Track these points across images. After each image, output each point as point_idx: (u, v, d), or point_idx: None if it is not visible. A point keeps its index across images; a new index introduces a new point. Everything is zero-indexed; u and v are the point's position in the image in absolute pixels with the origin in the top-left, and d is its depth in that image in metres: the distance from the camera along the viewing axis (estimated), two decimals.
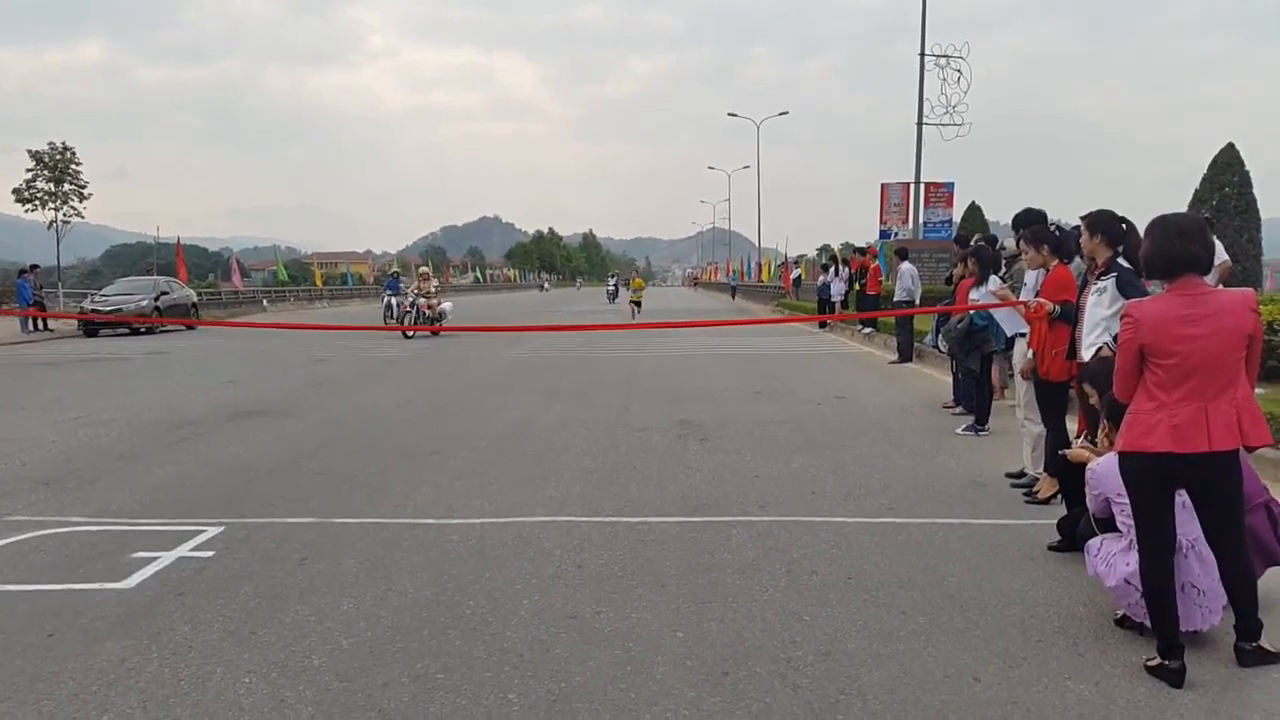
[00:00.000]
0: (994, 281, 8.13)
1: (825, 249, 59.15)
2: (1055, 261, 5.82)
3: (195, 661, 3.65)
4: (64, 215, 49.17)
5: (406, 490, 6.49)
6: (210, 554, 5.03)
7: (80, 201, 49.94)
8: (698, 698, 3.31)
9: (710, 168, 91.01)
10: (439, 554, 5.02)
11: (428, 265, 36.10)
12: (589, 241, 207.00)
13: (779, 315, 30.21)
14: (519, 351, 16.96)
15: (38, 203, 48.63)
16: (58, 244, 49.16)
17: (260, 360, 16.69)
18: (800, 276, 39.52)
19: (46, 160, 48.90)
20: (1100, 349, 4.98)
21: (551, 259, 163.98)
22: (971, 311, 8.08)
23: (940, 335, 8.89)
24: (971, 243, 10.36)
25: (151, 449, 8.10)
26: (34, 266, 28.27)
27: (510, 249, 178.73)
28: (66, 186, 49.21)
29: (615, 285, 51.43)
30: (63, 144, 49.40)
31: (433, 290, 22.97)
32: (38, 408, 10.86)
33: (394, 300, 25.79)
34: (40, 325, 25.81)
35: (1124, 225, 5.12)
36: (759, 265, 48.16)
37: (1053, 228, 5.95)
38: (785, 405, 10.33)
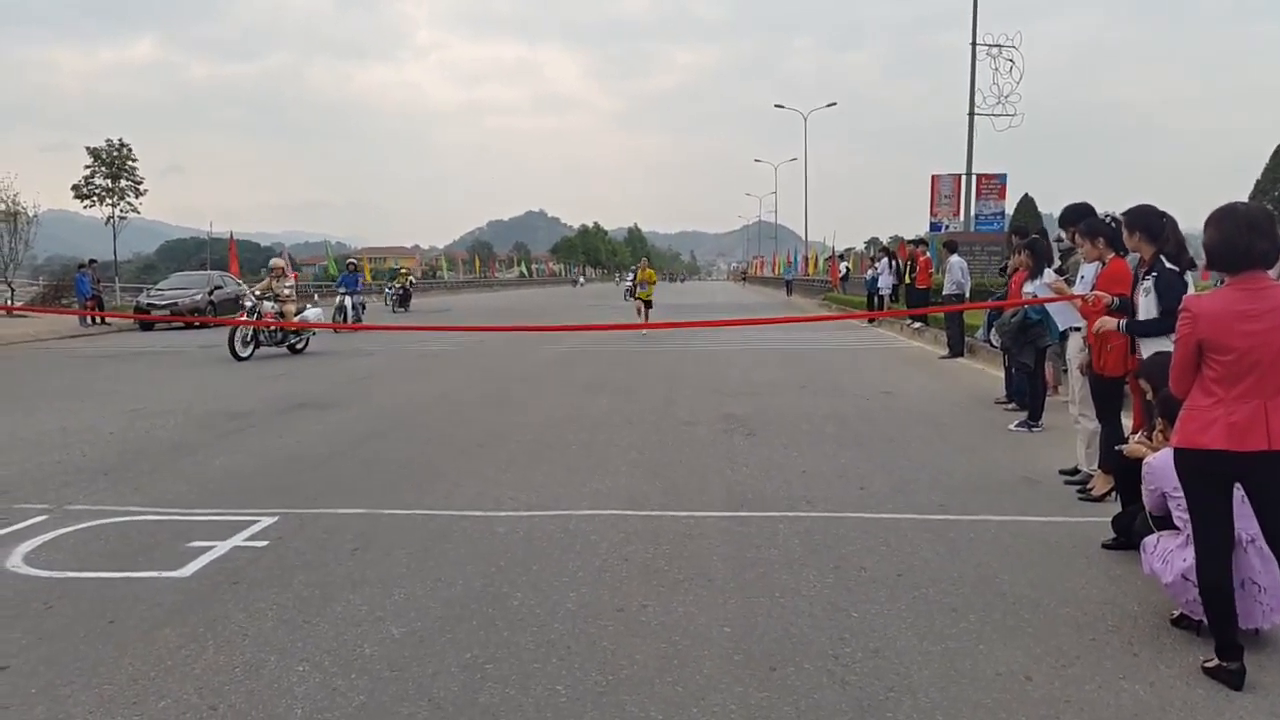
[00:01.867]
0: (1048, 275, 7.99)
1: (874, 242, 58.04)
2: (1111, 255, 5.70)
3: (249, 649, 3.72)
4: (120, 211, 50.28)
5: (453, 482, 6.55)
6: (264, 543, 5.13)
7: (136, 197, 51.02)
8: (745, 692, 3.30)
9: (756, 160, 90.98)
10: (487, 546, 5.06)
11: (283, 257, 28.82)
12: (634, 235, 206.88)
13: (824, 311, 30.00)
14: (557, 347, 17.01)
15: (95, 199, 49.78)
16: (114, 239, 50.29)
17: (309, 353, 16.93)
18: (849, 270, 39.13)
19: (104, 157, 50.03)
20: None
21: (596, 253, 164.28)
22: (1025, 305, 7.95)
23: (993, 329, 8.75)
24: (1025, 236, 10.18)
25: (206, 440, 8.27)
26: (92, 261, 28.97)
27: (555, 243, 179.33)
28: (123, 182, 50.30)
29: (633, 280, 49.86)
30: (119, 140, 50.50)
31: (285, 292, 17.17)
32: (96, 399, 11.13)
33: (350, 301, 24.14)
34: (98, 319, 26.43)
35: (1163, 220, 5.01)
36: (805, 259, 47.43)
37: (1108, 220, 5.83)
38: (833, 400, 10.25)
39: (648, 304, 21.91)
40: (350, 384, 12.41)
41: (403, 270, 39.12)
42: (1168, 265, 4.95)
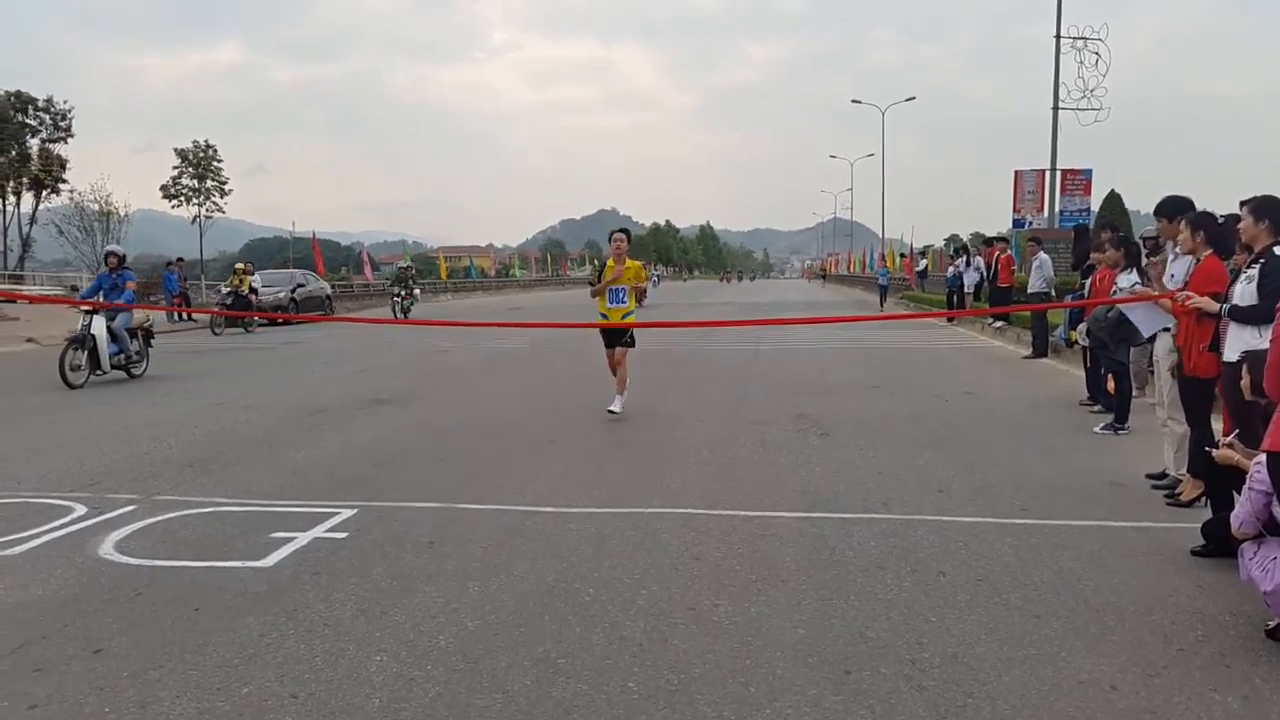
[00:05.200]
0: (1127, 278, 7.75)
1: (954, 239, 56.33)
2: (1208, 252, 5.49)
3: (329, 639, 3.80)
4: (206, 210, 51.97)
5: (526, 478, 6.61)
6: (344, 535, 5.23)
7: (221, 197, 52.67)
8: (819, 695, 3.25)
9: (832, 156, 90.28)
10: (558, 542, 5.08)
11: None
12: (705, 233, 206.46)
13: (900, 310, 29.49)
14: (639, 341, 17.00)
15: (182, 198, 51.55)
16: (200, 238, 51.98)
17: (388, 350, 17.27)
18: (926, 268, 38.35)
19: (190, 158, 51.81)
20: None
21: (668, 251, 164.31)
22: (1115, 304, 7.70)
23: (1086, 326, 8.46)
24: (1116, 231, 9.87)
25: (288, 434, 8.48)
26: (179, 259, 29.97)
27: None
28: (208, 183, 52.00)
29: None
30: (205, 142, 52.23)
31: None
32: (182, 394, 11.50)
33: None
34: (184, 315, 27.33)
35: None
36: (882, 257, 46.45)
37: (1221, 220, 5.62)
38: (910, 401, 10.07)
39: (619, 340, 9.25)
40: (424, 380, 12.62)
41: (407, 267, 32.90)
42: (1278, 254, 4.77)
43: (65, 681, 3.43)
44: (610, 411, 8.99)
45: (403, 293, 30.35)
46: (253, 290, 25.37)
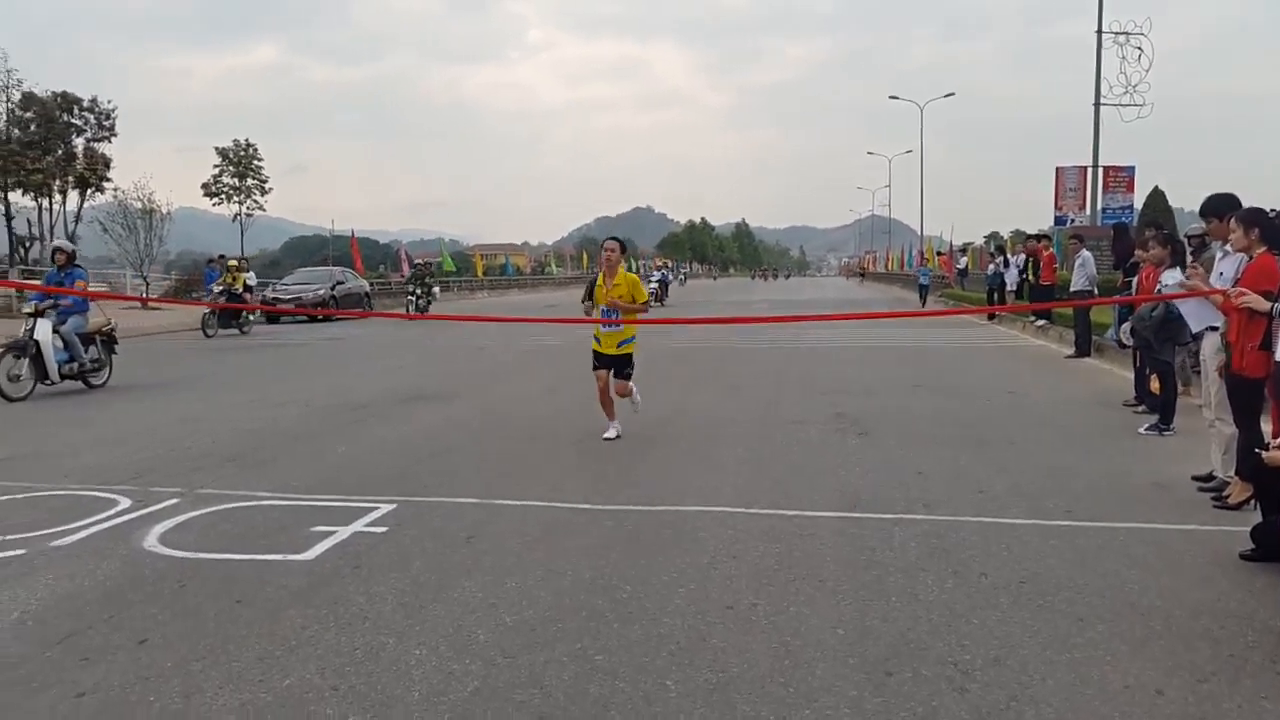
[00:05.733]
0: (1172, 275, 7.60)
1: (993, 236, 55.41)
2: (1262, 249, 5.36)
3: (369, 632, 3.83)
4: (247, 209, 52.67)
5: (562, 475, 6.62)
6: (384, 530, 5.27)
7: (262, 195, 53.34)
8: (859, 697, 3.22)
9: (869, 153, 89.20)
10: (595, 539, 5.09)
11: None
12: (741, 231, 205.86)
13: (938, 308, 29.19)
14: (671, 341, 17.02)
15: (223, 196, 52.28)
16: (241, 235, 52.67)
17: (425, 347, 17.40)
18: (967, 266, 37.84)
19: (231, 157, 52.53)
20: None
21: (703, 249, 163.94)
22: (1164, 300, 7.56)
23: (1130, 325, 8.31)
24: (1160, 229, 9.68)
25: (328, 429, 8.56)
26: (221, 256, 30.37)
27: (662, 239, 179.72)
28: (249, 181, 52.69)
29: (661, 279, 38.73)
30: (246, 141, 52.92)
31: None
32: (224, 389, 11.67)
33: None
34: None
35: None
36: (921, 254, 45.80)
37: (1273, 214, 5.49)
38: (951, 401, 9.96)
39: (616, 369, 7.93)
40: (461, 378, 12.69)
41: (424, 264, 32.43)
42: None
43: (112, 671, 3.48)
44: (605, 438, 7.80)
45: (419, 291, 29.09)
46: (248, 288, 23.25)
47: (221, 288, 22.55)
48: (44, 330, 10.84)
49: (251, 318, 22.34)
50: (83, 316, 11.50)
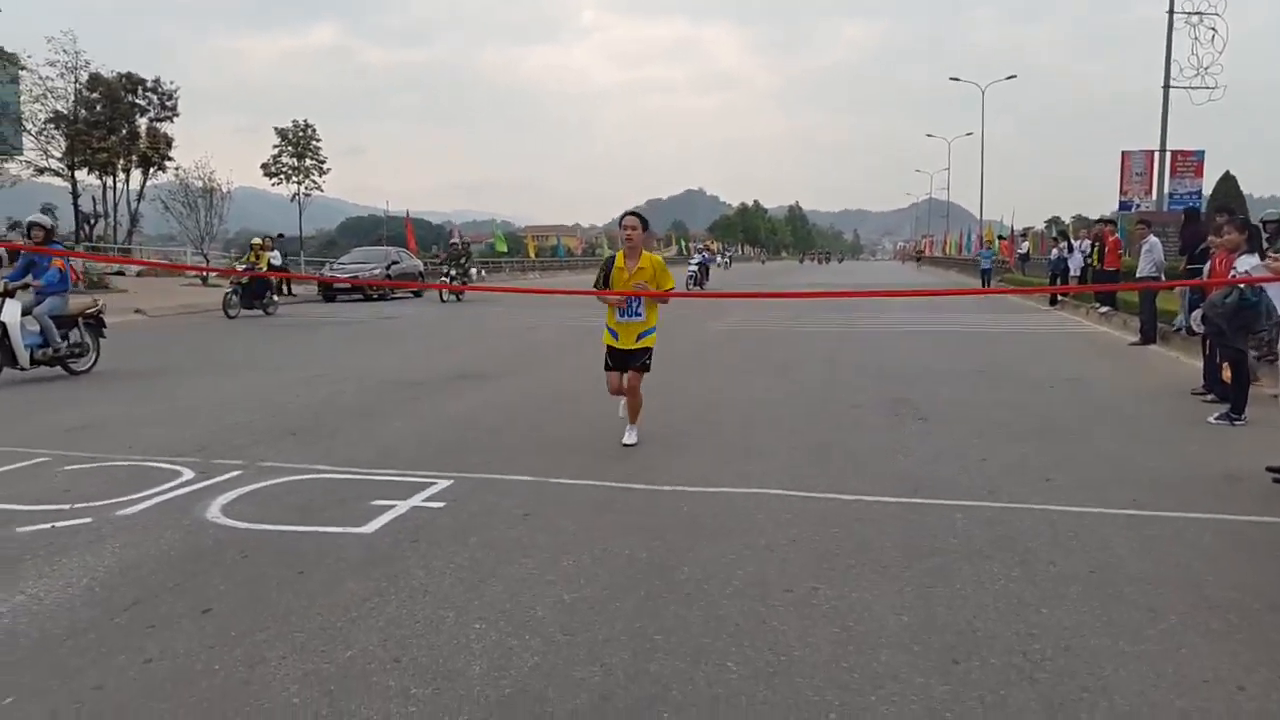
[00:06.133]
0: (1248, 261, 7.34)
1: (1054, 221, 54.07)
2: None
3: (430, 605, 3.84)
4: (305, 189, 53.37)
5: (615, 454, 6.60)
6: (441, 505, 5.29)
7: (320, 175, 53.99)
8: (926, 684, 3.15)
9: (929, 135, 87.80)
10: (650, 519, 5.05)
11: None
12: (794, 214, 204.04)
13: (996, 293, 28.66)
14: (722, 323, 16.93)
15: (282, 176, 53.02)
16: (299, 215, 53.41)
17: (478, 326, 17.50)
18: (1029, 251, 37.03)
19: (290, 137, 53.21)
20: None
21: (755, 232, 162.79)
22: (1242, 285, 7.30)
23: (1202, 311, 8.04)
24: (1233, 215, 9.37)
25: (383, 406, 8.64)
26: (281, 235, 30.82)
27: (714, 222, 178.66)
28: (307, 161, 53.36)
29: (701, 262, 35.01)
30: (305, 122, 53.54)
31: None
32: (282, 365, 11.84)
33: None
34: (285, 289, 28.13)
35: None
36: (980, 238, 44.80)
37: None
38: (1013, 387, 9.75)
39: (630, 363, 6.93)
40: (513, 357, 12.73)
41: (460, 243, 29.19)
42: None
43: (177, 639, 3.53)
44: (625, 444, 6.80)
45: (454, 273, 26.74)
46: (272, 268, 22.02)
47: (245, 266, 21.66)
48: (12, 312, 9.88)
49: (277, 298, 21.65)
50: (62, 298, 10.56)
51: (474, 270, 28.54)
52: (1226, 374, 8.15)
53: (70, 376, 10.50)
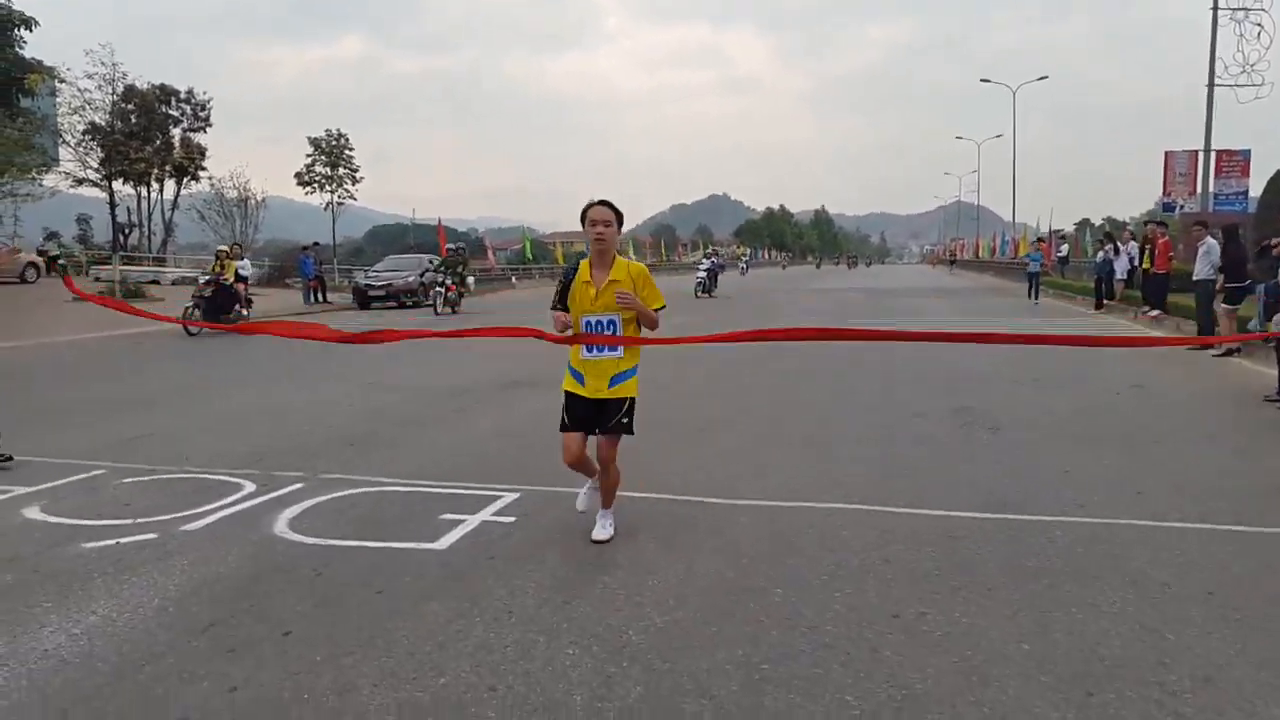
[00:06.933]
0: None
1: (1085, 224, 53.33)
2: None
3: (517, 628, 3.67)
4: (338, 197, 53.67)
5: (683, 467, 6.41)
6: (512, 519, 5.14)
7: (353, 184, 54.28)
8: (1063, 719, 2.94)
9: (958, 137, 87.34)
10: (733, 536, 4.87)
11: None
12: (820, 218, 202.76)
13: (1052, 302, 28.19)
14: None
15: (315, 185, 53.33)
16: (333, 223, 53.71)
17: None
18: (1068, 254, 36.36)
19: (323, 146, 53.52)
20: None
21: (782, 236, 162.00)
22: None
23: (1275, 318, 7.77)
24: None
25: (437, 415, 8.50)
26: (315, 243, 30.95)
27: (739, 226, 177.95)
28: (340, 170, 53.65)
29: (710, 268, 32.32)
30: (337, 130, 53.85)
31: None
32: (331, 375, 11.72)
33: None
34: (320, 298, 28.21)
35: None
36: (1014, 241, 44.15)
37: None
38: (1075, 394, 9.45)
39: (600, 423, 5.03)
40: (554, 363, 12.50)
41: (457, 249, 27.16)
42: None
43: (260, 664, 3.39)
44: (594, 540, 4.79)
45: (449, 283, 24.07)
46: (240, 278, 19.72)
47: (209, 277, 19.04)
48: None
49: (245, 311, 19.57)
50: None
51: (471, 279, 26.93)
52: None
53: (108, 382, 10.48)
